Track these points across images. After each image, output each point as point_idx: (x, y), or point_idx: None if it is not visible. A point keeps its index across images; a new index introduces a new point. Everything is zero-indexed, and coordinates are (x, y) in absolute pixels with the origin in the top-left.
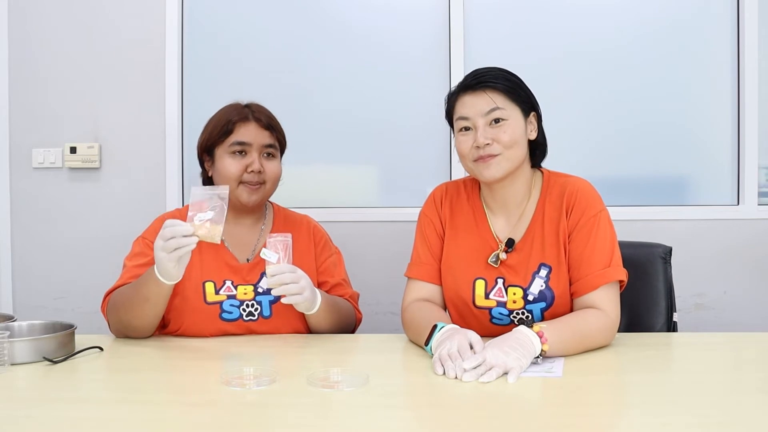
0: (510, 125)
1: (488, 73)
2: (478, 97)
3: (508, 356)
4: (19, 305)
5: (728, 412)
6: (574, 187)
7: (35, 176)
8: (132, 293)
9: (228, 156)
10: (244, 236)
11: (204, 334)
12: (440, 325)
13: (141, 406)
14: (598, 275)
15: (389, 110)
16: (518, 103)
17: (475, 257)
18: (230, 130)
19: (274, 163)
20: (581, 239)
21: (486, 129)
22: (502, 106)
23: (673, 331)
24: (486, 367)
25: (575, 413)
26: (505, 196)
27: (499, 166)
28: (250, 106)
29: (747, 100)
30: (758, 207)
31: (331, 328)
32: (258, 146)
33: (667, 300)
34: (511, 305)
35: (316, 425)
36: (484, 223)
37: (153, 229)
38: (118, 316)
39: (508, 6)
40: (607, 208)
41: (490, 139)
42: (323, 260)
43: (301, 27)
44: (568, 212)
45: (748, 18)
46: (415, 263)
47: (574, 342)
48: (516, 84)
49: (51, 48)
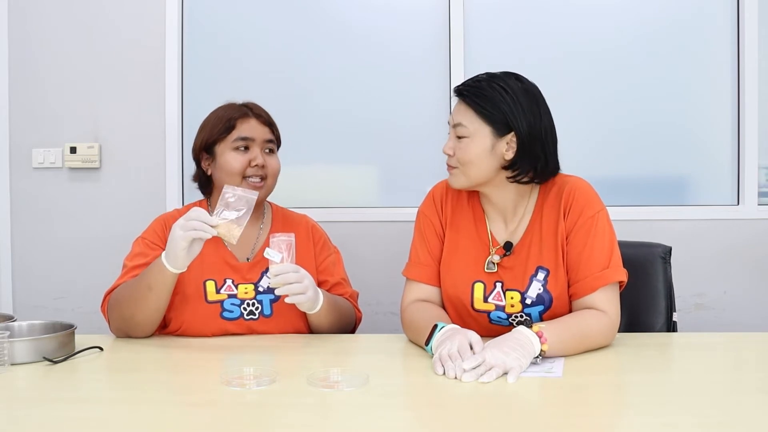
0: (469, 144)
1: (471, 85)
2: (458, 105)
3: (508, 356)
4: (19, 305)
5: (728, 412)
6: (571, 187)
7: (35, 176)
8: (135, 285)
9: (231, 152)
10: (244, 235)
11: (205, 333)
12: (440, 325)
13: (141, 406)
14: (596, 277)
15: (389, 110)
16: (489, 122)
17: (474, 260)
18: (232, 126)
19: (274, 159)
20: (579, 240)
21: (452, 140)
22: (467, 123)
23: (673, 331)
24: (486, 367)
25: (575, 413)
26: (497, 203)
27: (457, 179)
28: (248, 105)
29: (747, 99)
30: (758, 207)
31: (331, 327)
32: (260, 141)
33: (667, 300)
34: (510, 309)
35: (316, 425)
36: (483, 226)
37: (152, 230)
38: (120, 311)
39: (508, 6)
40: (607, 208)
41: (451, 151)
42: (322, 259)
43: (300, 27)
44: (566, 213)
45: (748, 18)
46: (414, 264)
47: (574, 342)
48: (494, 104)
49: (51, 48)
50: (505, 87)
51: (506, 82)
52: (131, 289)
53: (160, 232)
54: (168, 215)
